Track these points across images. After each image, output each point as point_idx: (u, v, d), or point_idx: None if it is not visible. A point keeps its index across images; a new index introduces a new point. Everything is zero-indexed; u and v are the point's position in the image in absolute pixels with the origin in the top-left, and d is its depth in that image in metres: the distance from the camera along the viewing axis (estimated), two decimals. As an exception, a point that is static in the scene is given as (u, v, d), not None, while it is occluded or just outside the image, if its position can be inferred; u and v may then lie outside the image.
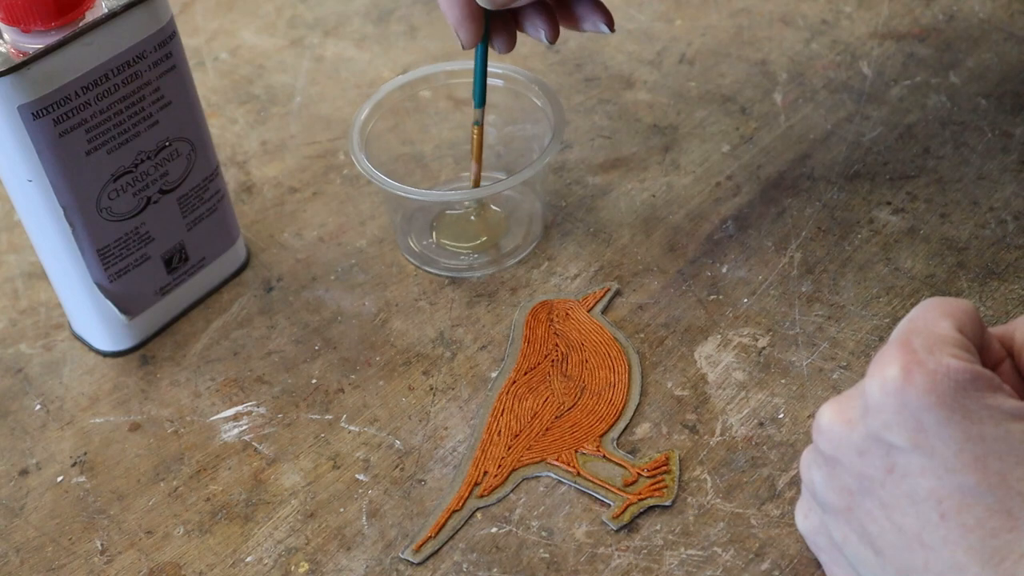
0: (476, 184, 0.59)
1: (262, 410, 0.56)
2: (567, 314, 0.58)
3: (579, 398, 0.54)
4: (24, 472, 0.54)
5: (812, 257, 0.60)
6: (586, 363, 0.56)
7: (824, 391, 0.54)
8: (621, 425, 0.53)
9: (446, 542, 0.50)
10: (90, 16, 0.50)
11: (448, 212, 0.64)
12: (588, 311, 0.58)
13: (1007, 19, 0.73)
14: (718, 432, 0.53)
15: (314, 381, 0.57)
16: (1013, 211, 0.61)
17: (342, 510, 0.51)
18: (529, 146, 0.63)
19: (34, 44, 0.49)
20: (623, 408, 0.54)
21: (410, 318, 0.59)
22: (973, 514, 0.36)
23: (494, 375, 0.56)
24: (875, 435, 0.38)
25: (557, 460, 0.52)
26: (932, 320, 0.39)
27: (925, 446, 0.37)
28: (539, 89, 0.61)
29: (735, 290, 0.59)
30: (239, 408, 0.56)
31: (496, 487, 0.51)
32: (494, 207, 0.64)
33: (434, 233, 0.63)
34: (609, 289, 0.59)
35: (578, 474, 0.51)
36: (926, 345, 0.38)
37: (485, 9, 0.53)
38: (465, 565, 0.49)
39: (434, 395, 0.56)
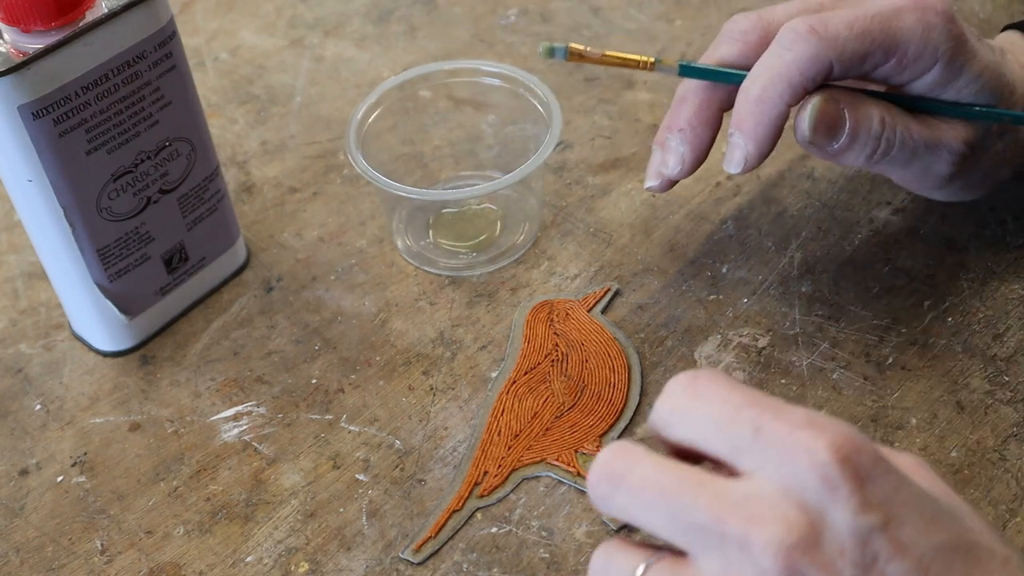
0: (573, 53, 0.52)
1: (262, 410, 0.56)
2: (567, 314, 0.58)
3: (579, 398, 0.54)
4: (24, 472, 0.54)
5: (812, 257, 0.60)
6: (586, 363, 0.55)
7: (824, 391, 0.54)
8: (621, 425, 0.53)
9: (446, 542, 0.50)
10: (90, 16, 0.50)
11: (445, 211, 0.64)
12: (588, 311, 0.58)
13: (1007, 19, 0.73)
14: (718, 432, 0.53)
15: (314, 381, 0.57)
16: (1013, 211, 0.61)
17: (342, 510, 0.51)
18: (528, 146, 0.63)
19: (34, 44, 0.49)
20: (623, 408, 0.54)
21: (410, 318, 0.59)
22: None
23: (494, 375, 0.56)
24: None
25: (557, 460, 0.52)
26: None
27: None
28: (538, 89, 0.61)
29: (735, 290, 0.59)
30: (239, 408, 0.56)
31: (496, 487, 0.51)
32: (491, 206, 0.64)
33: (431, 232, 0.63)
34: (609, 289, 0.59)
35: (578, 474, 0.51)
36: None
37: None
38: (465, 565, 0.49)
39: (434, 395, 0.56)
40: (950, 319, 0.57)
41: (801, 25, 0.50)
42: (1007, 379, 0.54)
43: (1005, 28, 0.59)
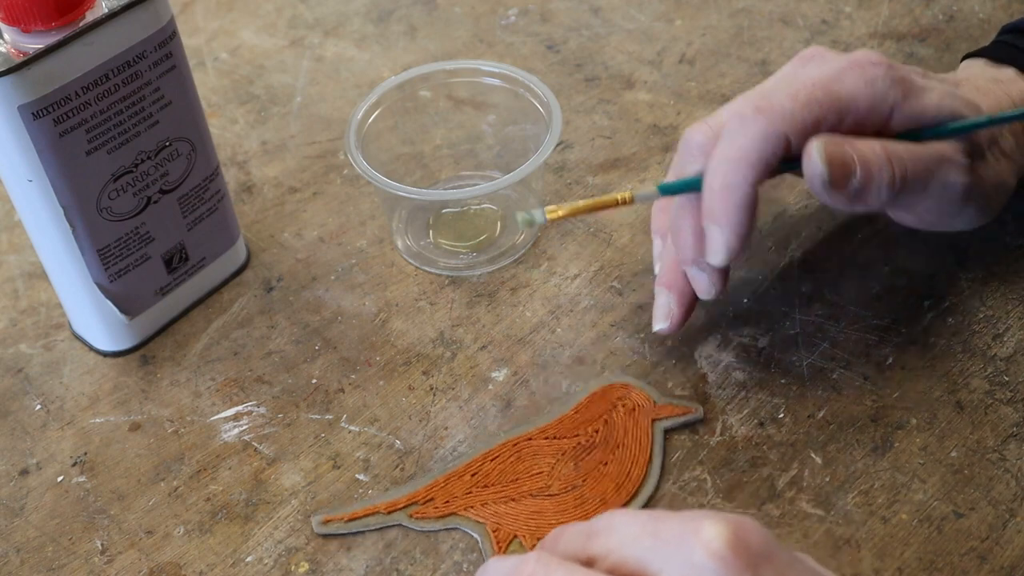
0: (551, 213, 0.51)
1: (262, 410, 0.56)
2: (633, 410, 0.53)
3: (564, 493, 0.51)
4: (24, 472, 0.54)
5: (812, 257, 0.60)
6: (604, 466, 0.52)
7: (824, 391, 0.54)
8: None
9: (353, 534, 0.50)
10: (90, 16, 0.50)
11: (445, 211, 0.64)
12: (654, 420, 0.53)
13: (1007, 19, 0.73)
14: (718, 432, 0.53)
15: (314, 381, 0.57)
16: (1013, 211, 0.61)
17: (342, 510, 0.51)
18: (527, 146, 0.63)
19: (34, 44, 0.49)
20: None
21: (410, 318, 0.59)
22: None
23: (506, 409, 0.56)
24: None
25: (494, 531, 0.50)
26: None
27: None
28: (538, 89, 0.61)
29: (735, 290, 0.59)
30: (239, 408, 0.56)
31: (428, 517, 0.50)
32: (491, 206, 0.64)
33: (431, 232, 0.63)
34: (691, 412, 0.53)
35: (496, 551, 0.49)
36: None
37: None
38: (465, 566, 0.49)
39: (434, 395, 0.56)
40: (950, 319, 0.57)
41: (745, 107, 0.50)
42: (1007, 379, 0.54)
43: (964, 58, 0.60)
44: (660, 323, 0.55)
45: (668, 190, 0.52)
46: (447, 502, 0.51)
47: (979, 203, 0.53)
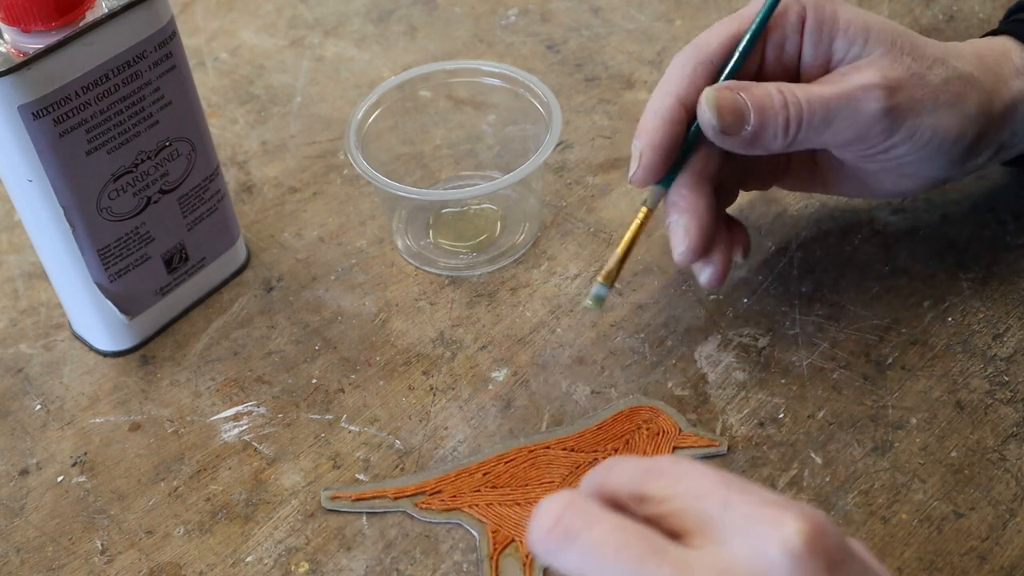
0: (606, 276, 0.52)
1: (262, 410, 0.56)
2: (656, 436, 0.52)
3: None
4: (24, 472, 0.54)
5: (812, 257, 0.60)
6: None
7: (824, 391, 0.54)
8: None
9: (360, 514, 0.51)
10: (90, 16, 0.50)
11: (445, 211, 0.64)
12: (675, 448, 0.52)
13: (1007, 19, 0.73)
14: (718, 432, 0.53)
15: (314, 381, 0.57)
16: (1013, 211, 0.61)
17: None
18: (527, 146, 0.63)
19: (34, 44, 0.49)
20: None
21: (410, 318, 0.59)
22: None
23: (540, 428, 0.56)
24: None
25: (494, 533, 0.50)
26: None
27: None
28: (538, 89, 0.61)
29: (735, 290, 0.59)
30: (239, 408, 0.56)
31: (433, 508, 0.51)
32: (491, 206, 0.64)
33: (431, 232, 0.63)
34: (716, 445, 0.52)
35: (494, 560, 0.49)
36: None
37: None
38: (465, 565, 0.49)
39: (434, 395, 0.56)
40: (950, 319, 0.57)
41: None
42: (1007, 379, 0.54)
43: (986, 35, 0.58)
44: (679, 248, 0.53)
45: (668, 180, 0.53)
46: (454, 496, 0.51)
47: (919, 150, 0.52)
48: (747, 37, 0.53)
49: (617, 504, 0.37)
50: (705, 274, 0.53)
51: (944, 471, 0.51)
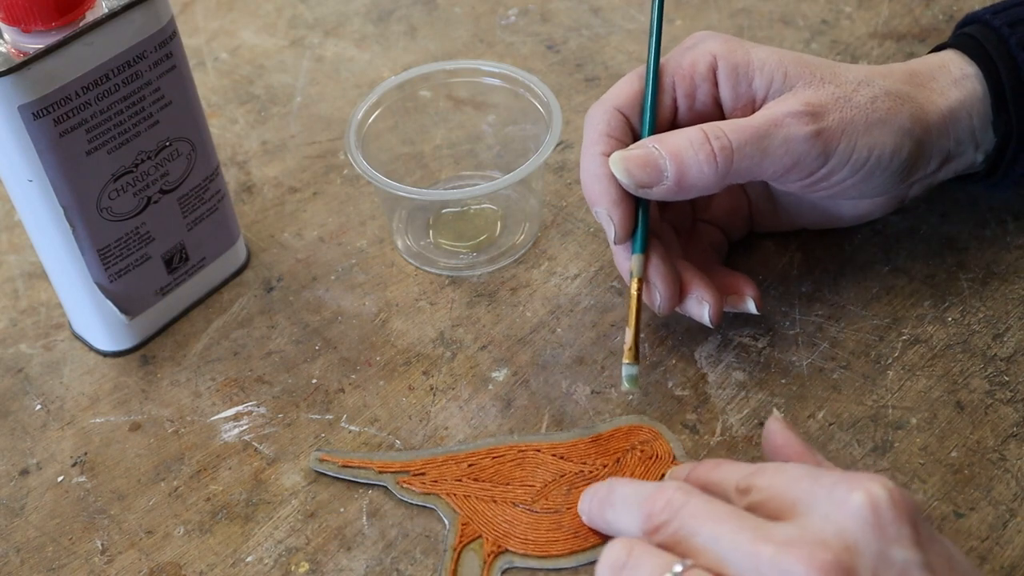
0: (631, 355, 0.52)
1: (262, 410, 0.56)
2: (650, 458, 0.52)
3: (544, 513, 0.50)
4: (24, 472, 0.54)
5: (812, 257, 0.60)
6: None
7: (824, 391, 0.54)
8: (529, 561, 0.49)
9: (343, 480, 0.52)
10: (90, 16, 0.50)
11: (445, 211, 0.64)
12: (661, 476, 0.51)
13: (1007, 19, 0.73)
14: (718, 432, 0.53)
15: (314, 381, 0.57)
16: (1013, 211, 0.61)
17: (342, 510, 0.51)
18: (527, 146, 0.63)
19: (34, 44, 0.49)
20: (569, 554, 0.49)
21: (410, 318, 0.59)
22: None
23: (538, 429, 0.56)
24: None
25: (464, 525, 0.50)
26: None
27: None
28: (538, 89, 0.61)
29: (735, 290, 0.59)
30: (239, 408, 0.56)
31: (412, 490, 0.51)
32: (491, 206, 0.64)
33: (431, 232, 0.63)
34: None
35: (457, 553, 0.49)
36: None
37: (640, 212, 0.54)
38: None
39: (434, 395, 0.56)
40: (950, 319, 0.57)
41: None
42: (1007, 379, 0.54)
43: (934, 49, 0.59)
44: (654, 304, 0.54)
45: (639, 243, 0.53)
46: (435, 481, 0.51)
47: (859, 171, 0.53)
48: (648, 94, 0.54)
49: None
50: (700, 317, 0.54)
51: (944, 471, 0.51)
